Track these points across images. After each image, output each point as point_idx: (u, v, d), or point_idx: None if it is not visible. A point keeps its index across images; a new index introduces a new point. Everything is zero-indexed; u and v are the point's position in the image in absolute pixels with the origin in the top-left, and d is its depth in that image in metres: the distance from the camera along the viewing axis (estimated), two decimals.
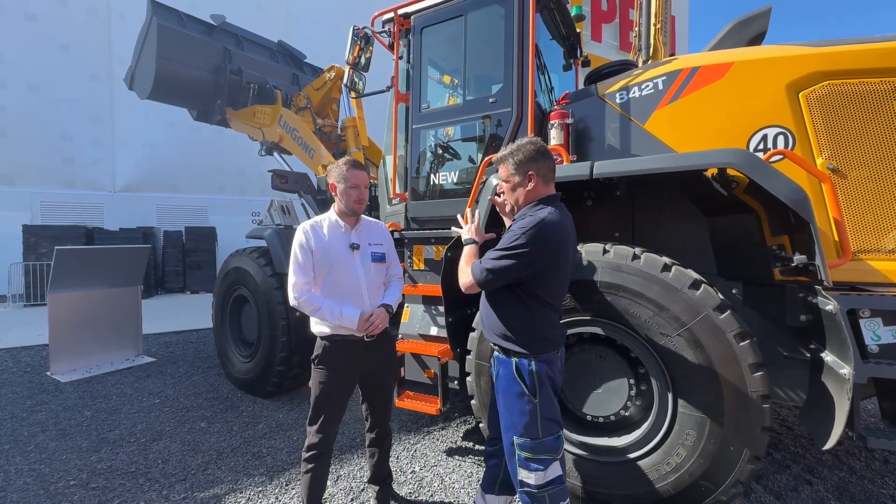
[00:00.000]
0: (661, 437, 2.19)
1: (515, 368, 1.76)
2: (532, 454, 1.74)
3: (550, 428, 1.75)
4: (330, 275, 2.10)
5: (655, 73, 2.71)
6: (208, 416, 3.76)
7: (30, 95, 11.58)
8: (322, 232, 2.15)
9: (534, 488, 1.73)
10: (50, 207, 11.60)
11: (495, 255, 1.72)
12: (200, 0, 11.40)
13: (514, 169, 1.80)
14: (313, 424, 2.11)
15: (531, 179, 1.78)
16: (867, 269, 2.20)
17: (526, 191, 1.80)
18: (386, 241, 2.32)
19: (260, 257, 4.26)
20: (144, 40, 5.90)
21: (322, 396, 2.10)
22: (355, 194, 2.12)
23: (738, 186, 2.32)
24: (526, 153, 1.78)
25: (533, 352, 1.75)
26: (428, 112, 3.48)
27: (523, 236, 1.67)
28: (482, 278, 1.73)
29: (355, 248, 2.16)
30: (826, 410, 1.98)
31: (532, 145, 1.80)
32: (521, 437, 1.76)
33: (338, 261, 2.10)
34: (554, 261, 1.73)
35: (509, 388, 1.79)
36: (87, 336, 5.13)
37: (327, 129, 5.88)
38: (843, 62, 2.27)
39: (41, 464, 2.98)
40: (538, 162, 1.78)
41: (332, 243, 2.13)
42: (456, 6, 3.30)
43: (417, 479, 2.74)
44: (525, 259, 1.68)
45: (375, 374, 2.26)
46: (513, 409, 1.78)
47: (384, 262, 2.27)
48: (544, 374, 1.75)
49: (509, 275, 1.72)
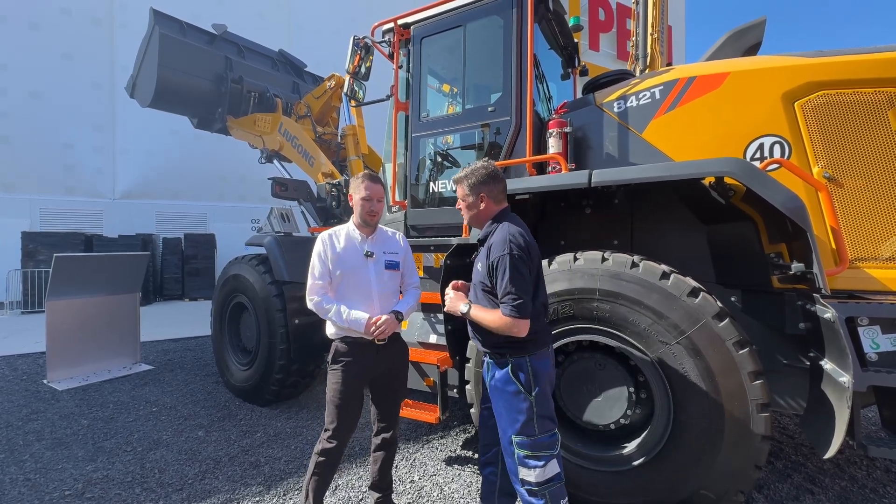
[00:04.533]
0: (661, 445, 2.17)
1: (511, 369, 1.84)
2: (530, 452, 1.81)
3: (546, 425, 1.83)
4: (343, 281, 2.19)
5: (653, 82, 2.74)
6: (206, 424, 3.73)
7: (32, 103, 11.64)
8: (338, 240, 2.24)
9: (534, 485, 1.80)
10: (49, 214, 11.61)
11: (506, 287, 1.76)
12: (202, 10, 11.58)
13: (468, 190, 1.98)
14: (330, 424, 2.16)
15: (483, 200, 1.96)
16: (865, 277, 2.20)
17: (479, 209, 1.98)
18: (402, 250, 2.38)
19: (259, 265, 4.25)
20: (146, 49, 5.96)
21: (336, 396, 2.16)
22: (367, 206, 2.21)
23: (736, 195, 2.33)
24: (478, 177, 1.95)
25: (527, 351, 1.84)
26: (427, 120, 3.51)
27: (507, 247, 1.77)
28: (519, 312, 1.74)
29: (369, 256, 2.24)
30: (826, 419, 1.98)
31: (484, 169, 1.96)
32: (518, 435, 1.83)
33: (351, 268, 2.19)
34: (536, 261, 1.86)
35: (504, 388, 1.86)
36: (85, 343, 5.11)
37: (327, 137, 5.92)
38: (837, 72, 2.30)
39: (36, 473, 2.95)
40: (489, 185, 1.95)
41: (347, 251, 2.21)
42: (455, 17, 3.34)
43: (416, 489, 2.71)
44: (525, 263, 1.78)
45: (386, 378, 2.30)
46: (510, 408, 1.86)
47: (398, 269, 2.33)
48: (539, 371, 1.84)
49: (529, 288, 1.79)
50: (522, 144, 3.02)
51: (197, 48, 5.97)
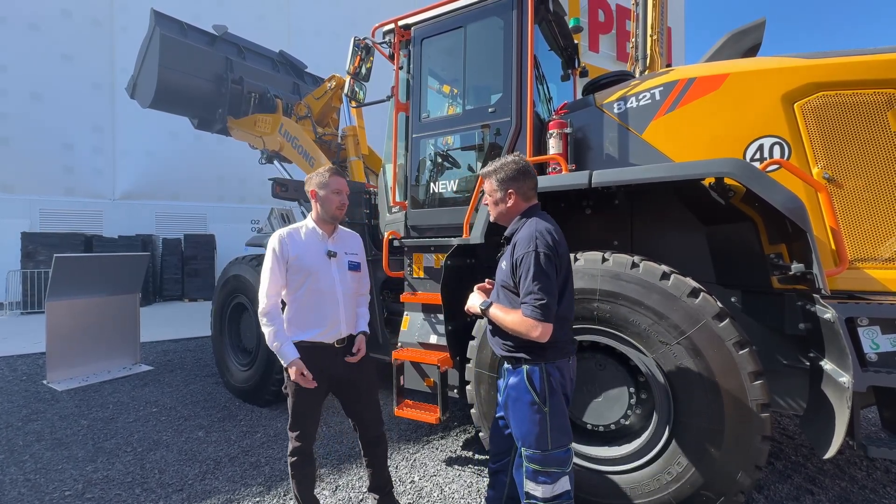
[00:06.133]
0: (661, 446, 2.18)
1: (527, 376, 1.74)
2: (541, 467, 1.71)
3: (560, 440, 1.73)
4: (307, 282, 2.09)
5: (652, 83, 2.74)
6: (206, 425, 3.73)
7: (32, 104, 11.65)
8: (299, 239, 2.13)
9: (540, 501, 1.71)
10: (49, 215, 11.61)
11: (529, 287, 1.64)
12: (203, 11, 11.59)
13: (496, 185, 1.88)
14: (294, 429, 2.14)
15: (511, 197, 1.86)
16: (864, 277, 2.21)
17: (507, 206, 1.88)
18: (360, 251, 2.33)
19: (259, 265, 4.24)
20: (147, 50, 5.97)
21: (297, 401, 2.12)
22: (337, 200, 2.13)
23: (736, 195, 2.34)
24: (508, 172, 1.85)
25: (544, 359, 1.74)
26: (428, 121, 3.51)
27: (532, 244, 1.67)
28: (542, 314, 1.61)
29: (332, 256, 2.16)
30: (826, 419, 1.98)
31: (514, 164, 1.86)
32: (529, 448, 1.74)
33: (315, 268, 2.10)
34: (564, 261, 1.75)
35: (520, 397, 1.76)
36: (85, 344, 5.11)
37: (328, 137, 5.92)
38: (836, 74, 2.31)
39: (36, 474, 2.95)
40: (518, 181, 1.85)
41: (309, 250, 2.12)
42: (456, 18, 3.35)
43: (417, 490, 2.71)
44: (551, 262, 1.66)
45: (349, 380, 2.22)
46: (523, 419, 1.76)
47: (359, 270, 2.29)
48: (556, 382, 1.73)
49: (554, 289, 1.66)
50: (523, 145, 3.02)
51: (197, 49, 5.98)
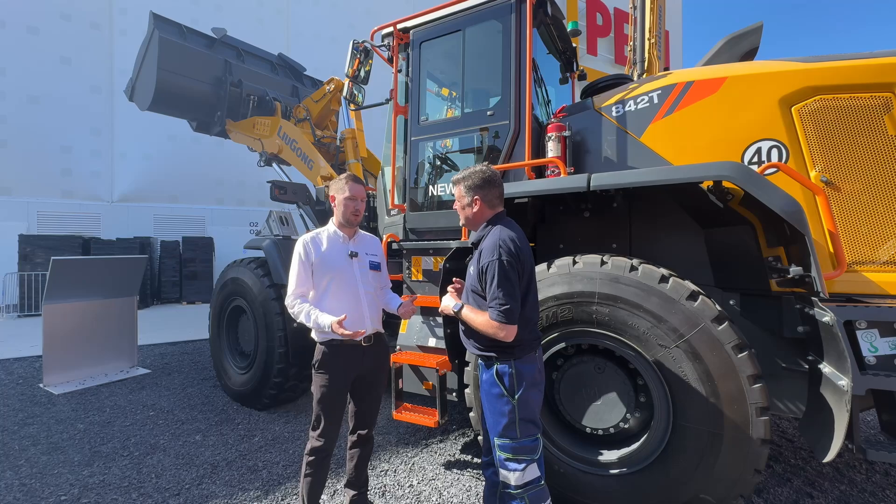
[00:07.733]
0: (660, 449, 2.17)
1: (496, 373, 1.86)
2: (511, 454, 1.84)
3: (528, 429, 1.85)
4: (331, 282, 2.20)
5: (651, 87, 2.75)
6: (203, 428, 3.71)
7: (30, 107, 11.61)
8: (321, 243, 2.25)
9: (513, 488, 1.82)
10: (46, 217, 11.56)
11: (495, 292, 1.77)
12: (202, 14, 11.63)
13: (464, 191, 1.99)
14: (316, 428, 2.19)
15: (476, 203, 1.97)
16: (863, 280, 2.21)
17: (473, 211, 1.98)
18: (380, 252, 2.46)
19: (258, 268, 4.25)
20: (146, 52, 5.97)
21: (323, 400, 2.17)
22: (352, 206, 2.25)
23: (734, 199, 2.34)
24: (475, 180, 1.95)
25: (512, 356, 1.85)
26: (426, 124, 3.52)
27: (496, 252, 1.78)
28: (506, 317, 1.74)
29: (354, 256, 2.27)
30: (825, 422, 1.98)
31: (481, 174, 1.96)
32: (500, 437, 1.86)
33: (338, 269, 2.22)
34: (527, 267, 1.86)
35: (490, 390, 1.89)
36: (82, 347, 5.08)
37: (326, 140, 5.92)
38: (833, 78, 2.32)
39: (32, 478, 2.92)
40: (484, 189, 1.95)
41: (332, 252, 2.24)
42: (454, 21, 3.36)
43: (415, 493, 2.70)
44: (513, 269, 1.78)
45: (368, 377, 2.32)
46: (494, 410, 1.88)
47: (380, 270, 2.40)
48: (524, 375, 1.85)
49: (517, 293, 1.78)
50: (521, 148, 3.03)
51: (196, 52, 5.98)
